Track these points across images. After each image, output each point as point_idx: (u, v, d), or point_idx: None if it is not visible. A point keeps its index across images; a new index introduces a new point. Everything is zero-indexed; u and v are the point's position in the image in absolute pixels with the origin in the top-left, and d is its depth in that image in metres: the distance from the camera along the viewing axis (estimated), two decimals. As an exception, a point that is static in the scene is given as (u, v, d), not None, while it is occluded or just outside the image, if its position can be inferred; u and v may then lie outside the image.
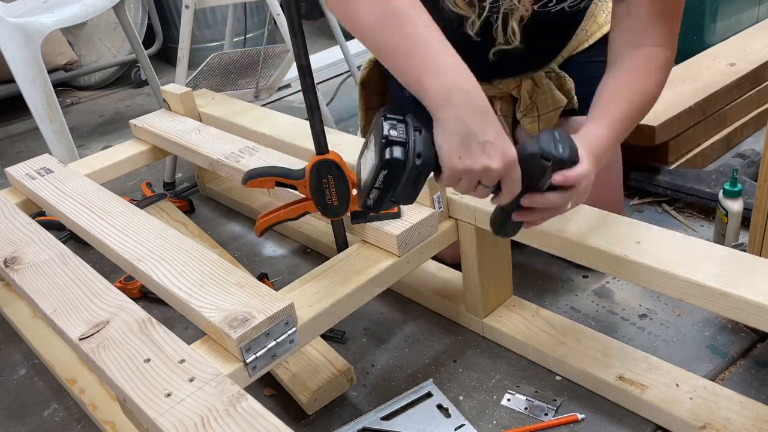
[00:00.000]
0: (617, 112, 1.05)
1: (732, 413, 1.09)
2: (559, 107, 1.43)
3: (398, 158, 0.85)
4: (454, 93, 0.85)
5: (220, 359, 0.97)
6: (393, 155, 0.85)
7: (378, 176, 0.87)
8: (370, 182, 0.88)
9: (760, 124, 1.98)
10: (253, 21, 3.22)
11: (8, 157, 2.67)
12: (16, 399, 1.40)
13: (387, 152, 0.85)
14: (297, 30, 1.03)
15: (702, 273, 0.98)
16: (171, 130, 1.74)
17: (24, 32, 1.88)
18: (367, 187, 0.90)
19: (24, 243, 1.30)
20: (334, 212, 1.16)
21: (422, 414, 1.21)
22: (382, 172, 0.87)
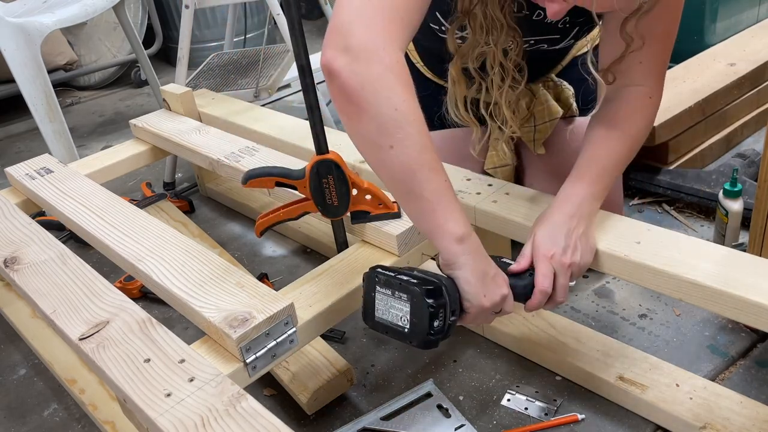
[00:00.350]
0: (599, 168, 1.11)
1: (732, 413, 1.09)
2: (554, 118, 1.45)
3: (439, 333, 0.95)
4: (468, 238, 0.96)
5: (220, 359, 0.97)
6: (435, 332, 0.94)
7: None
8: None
9: (760, 124, 1.98)
10: (253, 21, 3.22)
11: (8, 157, 2.67)
12: (16, 399, 1.40)
13: (431, 331, 0.94)
14: (297, 29, 1.03)
15: (702, 273, 0.98)
16: (171, 130, 1.74)
17: (24, 32, 1.88)
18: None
19: (24, 243, 1.29)
20: (334, 212, 1.16)
21: (422, 414, 1.20)
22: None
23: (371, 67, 0.88)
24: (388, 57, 0.88)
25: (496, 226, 1.21)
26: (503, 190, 1.26)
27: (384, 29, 0.89)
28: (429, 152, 0.92)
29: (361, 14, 0.89)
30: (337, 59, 0.88)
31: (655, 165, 1.75)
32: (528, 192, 1.25)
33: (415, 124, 0.90)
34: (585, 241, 1.06)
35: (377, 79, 0.88)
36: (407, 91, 0.90)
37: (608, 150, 1.11)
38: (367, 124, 0.90)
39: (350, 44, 0.88)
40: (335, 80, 0.89)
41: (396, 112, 0.88)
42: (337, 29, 0.89)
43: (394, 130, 0.89)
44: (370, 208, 1.19)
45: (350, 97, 0.89)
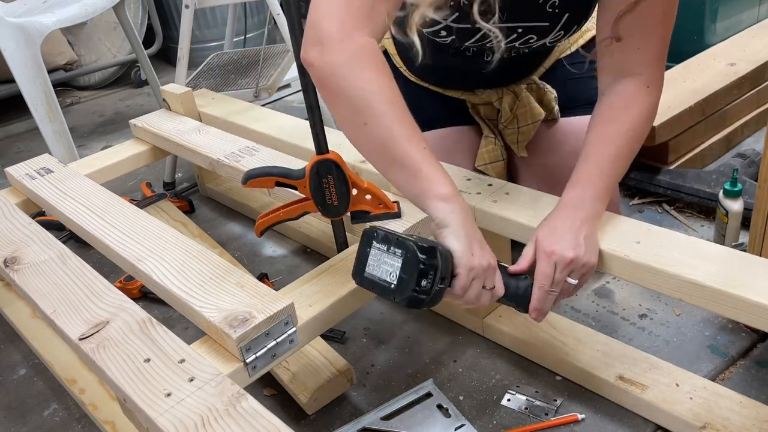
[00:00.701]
0: (599, 169, 1.10)
1: (732, 413, 1.09)
2: (536, 120, 1.46)
3: (424, 294, 0.94)
4: (453, 200, 0.98)
5: (220, 359, 0.97)
6: (421, 290, 0.94)
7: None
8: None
9: (760, 124, 1.98)
10: (253, 21, 3.22)
11: (8, 157, 2.67)
12: (16, 399, 1.40)
13: (416, 287, 0.93)
14: (297, 29, 1.03)
15: (702, 273, 0.98)
16: (171, 130, 1.74)
17: (24, 32, 1.88)
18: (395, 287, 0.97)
19: (24, 243, 1.29)
20: (333, 212, 1.16)
21: (422, 414, 1.20)
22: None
23: (338, 54, 0.95)
24: (353, 43, 0.95)
25: (496, 226, 1.21)
26: (503, 189, 1.26)
27: (350, 19, 0.96)
28: (403, 124, 0.97)
29: (329, 9, 0.96)
30: (311, 51, 0.96)
31: (655, 165, 1.75)
32: (528, 192, 1.24)
33: (384, 100, 0.96)
34: (590, 243, 1.05)
35: (344, 63, 0.95)
36: (375, 69, 0.97)
37: (607, 148, 1.10)
38: (341, 106, 0.98)
39: (320, 36, 0.96)
40: (311, 71, 0.98)
41: (363, 91, 0.95)
42: (309, 25, 0.98)
43: (364, 108, 0.96)
44: (370, 208, 1.19)
45: (324, 84, 0.97)
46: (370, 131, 0.97)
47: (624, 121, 1.11)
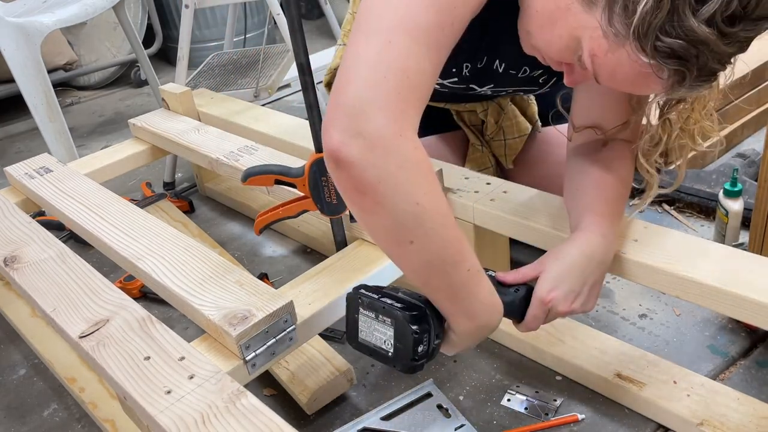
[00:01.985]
0: (606, 214, 1.05)
1: (729, 410, 1.09)
2: (524, 135, 1.47)
3: (423, 357, 0.92)
4: (477, 331, 0.93)
5: (219, 357, 0.97)
6: (420, 356, 0.91)
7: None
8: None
9: (760, 124, 1.98)
10: (253, 21, 3.22)
11: (8, 157, 2.66)
12: (16, 399, 1.39)
13: (415, 356, 0.91)
14: (296, 28, 1.03)
15: (699, 270, 0.98)
16: (170, 129, 1.74)
17: (24, 32, 1.88)
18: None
19: (23, 242, 1.29)
20: (332, 210, 1.16)
21: (422, 414, 1.20)
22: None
23: (389, 158, 0.77)
24: (406, 145, 0.78)
25: (494, 225, 1.21)
26: (501, 188, 1.26)
27: (402, 112, 0.78)
28: (452, 245, 0.85)
29: (376, 93, 0.77)
30: (348, 147, 0.76)
31: (655, 165, 1.75)
32: (526, 190, 1.24)
33: (436, 217, 0.82)
34: (592, 291, 1.03)
35: (396, 171, 0.77)
36: (428, 182, 0.81)
37: (615, 192, 1.07)
38: (384, 218, 0.81)
39: (364, 129, 0.76)
40: (346, 170, 0.78)
41: (417, 206, 0.80)
42: (345, 108, 0.77)
43: (414, 227, 0.81)
44: (369, 207, 1.19)
45: (365, 190, 0.78)
46: (415, 251, 0.83)
47: (624, 174, 1.10)
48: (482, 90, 1.27)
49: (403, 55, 0.78)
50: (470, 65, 1.20)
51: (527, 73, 1.22)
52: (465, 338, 0.93)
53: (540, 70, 1.21)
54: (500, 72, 1.21)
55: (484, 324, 0.92)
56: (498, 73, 1.22)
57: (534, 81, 1.25)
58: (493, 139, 1.49)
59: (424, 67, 0.80)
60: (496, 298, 0.93)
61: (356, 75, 0.78)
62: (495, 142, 1.49)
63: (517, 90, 1.30)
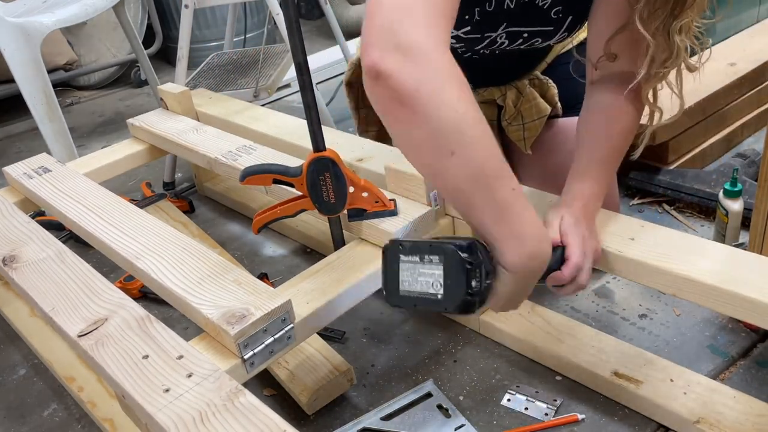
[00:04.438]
0: (600, 165, 1.11)
1: (725, 408, 1.09)
2: (543, 116, 1.46)
3: (475, 295, 0.88)
4: (529, 262, 0.89)
5: (218, 355, 0.97)
6: (472, 293, 0.87)
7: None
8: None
9: (760, 124, 1.97)
10: (253, 21, 3.23)
11: (8, 157, 2.67)
12: (16, 399, 1.39)
13: (468, 291, 0.87)
14: (294, 27, 1.03)
15: (696, 268, 0.98)
16: (168, 129, 1.74)
17: (24, 32, 1.88)
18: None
19: (22, 241, 1.29)
20: (330, 209, 1.16)
21: (422, 414, 1.20)
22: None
23: (426, 66, 0.80)
24: (440, 56, 0.81)
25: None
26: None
27: (434, 26, 0.82)
28: (494, 157, 0.84)
29: (408, 10, 0.81)
30: (387, 59, 0.79)
31: (655, 165, 1.75)
32: (527, 190, 1.25)
33: (477, 126, 0.82)
34: (594, 237, 1.07)
35: (433, 78, 0.80)
36: (465, 91, 0.82)
37: (608, 147, 1.11)
38: (422, 129, 0.81)
39: (400, 42, 0.79)
40: (385, 81, 0.80)
41: (456, 113, 0.80)
42: (381, 27, 0.81)
43: (454, 135, 0.81)
44: (366, 206, 1.19)
45: (404, 99, 0.80)
46: (457, 163, 0.82)
47: (622, 121, 1.12)
48: (498, 34, 1.26)
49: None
50: (480, 8, 1.20)
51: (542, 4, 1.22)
52: (516, 273, 0.89)
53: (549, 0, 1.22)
54: (512, 7, 1.21)
55: (534, 251, 0.88)
56: (510, 9, 1.21)
57: (546, 15, 1.23)
58: (510, 124, 1.48)
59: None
60: (544, 228, 0.91)
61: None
62: (512, 127, 1.48)
63: (532, 32, 1.27)
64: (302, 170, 1.12)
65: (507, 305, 0.94)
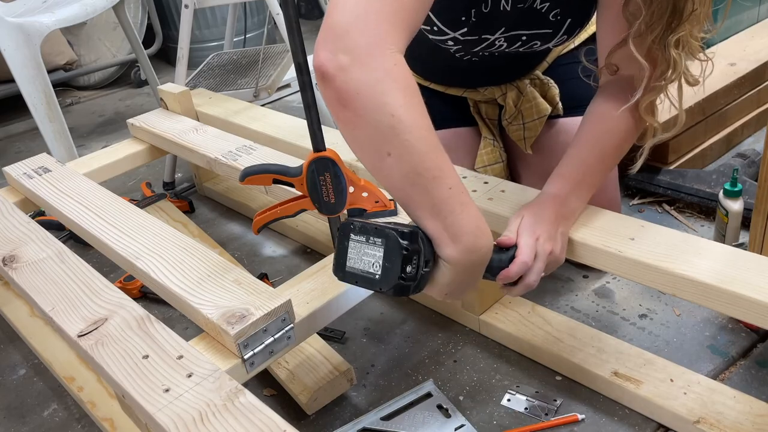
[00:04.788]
0: (584, 171, 1.13)
1: (725, 407, 1.09)
2: (543, 116, 1.47)
3: (410, 280, 0.91)
4: (466, 255, 0.91)
5: (218, 355, 0.97)
6: (406, 277, 0.90)
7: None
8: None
9: (760, 124, 1.97)
10: (253, 21, 3.23)
11: (8, 157, 2.66)
12: (16, 399, 1.39)
13: (401, 275, 0.90)
14: (294, 27, 1.02)
15: (695, 268, 0.98)
16: (168, 129, 1.74)
17: (23, 32, 1.88)
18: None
19: (22, 241, 1.29)
20: (330, 209, 1.16)
21: (422, 414, 1.20)
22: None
23: (368, 72, 0.82)
24: (386, 60, 0.83)
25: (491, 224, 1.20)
26: (499, 187, 1.26)
27: (383, 30, 0.84)
28: (431, 159, 0.86)
29: (359, 14, 0.83)
30: (332, 62, 0.82)
31: (655, 165, 1.75)
32: (524, 189, 1.25)
33: (413, 130, 0.84)
34: (563, 240, 1.08)
35: (374, 83, 0.82)
36: (407, 95, 0.84)
37: (596, 149, 1.12)
38: (363, 130, 0.86)
39: (346, 46, 0.82)
40: (329, 84, 0.84)
41: (392, 118, 0.83)
42: (331, 29, 0.84)
43: (390, 138, 0.84)
44: (366, 206, 1.19)
45: (345, 102, 0.84)
46: (394, 163, 0.86)
47: (617, 123, 1.12)
48: (495, 37, 1.27)
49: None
50: (476, 9, 1.20)
51: (531, 3, 1.22)
52: (455, 266, 0.91)
53: (547, 3, 1.22)
54: (508, 10, 1.21)
55: (470, 246, 0.90)
56: (507, 12, 1.22)
57: (544, 18, 1.24)
58: (511, 123, 1.48)
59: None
60: (484, 223, 0.92)
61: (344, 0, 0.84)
62: (513, 126, 1.48)
63: (531, 35, 1.28)
64: (302, 170, 1.12)
65: (450, 295, 0.96)
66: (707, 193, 1.63)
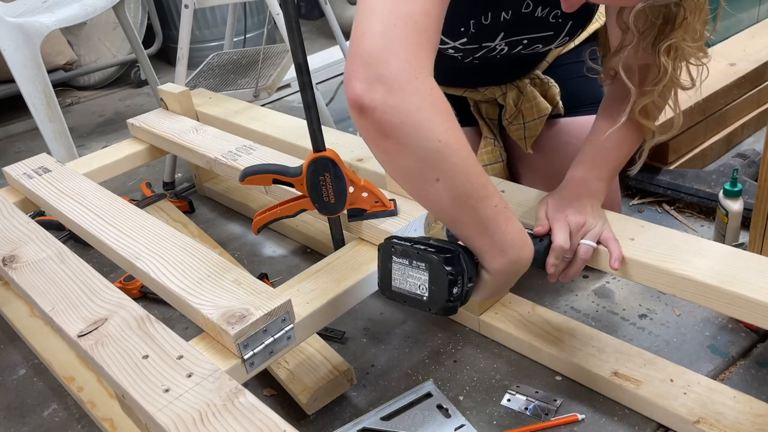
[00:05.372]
0: (604, 152, 1.16)
1: (725, 408, 1.09)
2: (543, 115, 1.47)
3: (457, 300, 0.95)
4: (510, 267, 0.95)
5: (218, 355, 0.97)
6: (454, 299, 0.94)
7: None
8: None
9: (760, 124, 1.97)
10: (253, 21, 3.22)
11: (8, 157, 2.66)
12: (16, 399, 1.39)
13: (450, 298, 0.94)
14: (294, 27, 1.03)
15: (694, 268, 0.99)
16: (168, 129, 1.74)
17: (23, 32, 1.88)
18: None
19: (22, 241, 1.29)
20: (330, 209, 1.16)
21: (422, 414, 1.20)
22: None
23: (408, 99, 0.81)
24: (423, 85, 0.83)
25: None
26: (499, 187, 1.26)
27: (415, 55, 0.82)
28: (476, 179, 0.88)
29: (389, 40, 0.82)
30: (369, 92, 0.80)
31: (655, 165, 1.75)
32: (524, 189, 1.25)
33: (459, 153, 0.85)
34: (597, 211, 1.10)
35: (416, 111, 0.81)
36: (447, 119, 0.85)
37: (613, 135, 1.12)
38: (408, 159, 0.84)
39: (382, 75, 0.80)
40: (369, 116, 0.81)
41: (439, 143, 0.83)
42: (362, 58, 0.82)
43: (438, 163, 0.84)
44: (366, 206, 1.19)
45: (388, 132, 0.82)
46: (442, 188, 0.86)
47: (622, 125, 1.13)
48: (496, 43, 1.27)
49: (407, 1, 0.83)
50: (475, 21, 1.21)
51: (530, 9, 1.22)
52: (498, 276, 0.96)
53: (547, 8, 1.23)
54: (508, 18, 1.23)
55: (515, 258, 0.95)
56: (507, 20, 1.23)
57: (545, 22, 1.25)
58: (511, 123, 1.48)
59: (428, 9, 0.85)
60: (525, 235, 0.96)
61: (370, 27, 0.82)
62: (513, 126, 1.49)
63: (533, 39, 1.29)
64: (302, 170, 1.12)
65: (491, 298, 1.03)
66: (707, 193, 1.63)
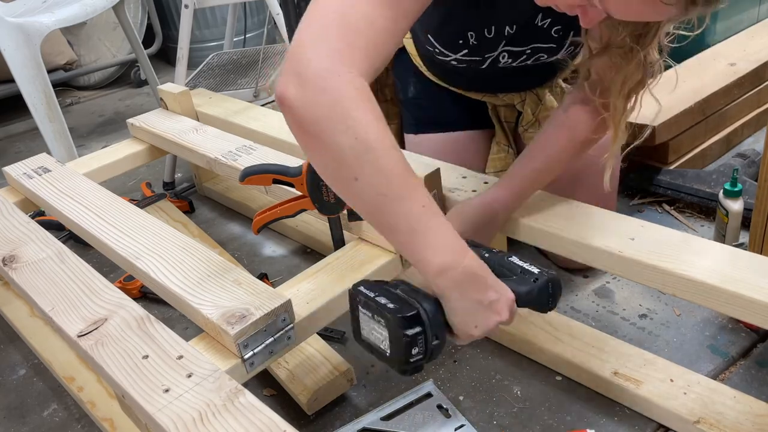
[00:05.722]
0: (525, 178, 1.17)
1: (725, 408, 1.09)
2: None
3: (420, 360, 0.88)
4: (452, 269, 0.86)
5: (218, 355, 0.97)
6: (415, 359, 0.88)
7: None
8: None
9: (760, 124, 1.97)
10: (253, 21, 3.22)
11: (8, 157, 2.66)
12: (16, 399, 1.39)
13: (409, 359, 0.88)
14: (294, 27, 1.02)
15: (694, 268, 0.99)
16: (168, 129, 1.74)
17: (23, 32, 1.88)
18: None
19: (22, 241, 1.29)
20: (330, 209, 1.16)
21: (422, 414, 1.20)
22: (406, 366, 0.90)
23: (325, 95, 0.80)
24: (344, 83, 0.80)
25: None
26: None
27: (341, 54, 0.81)
28: (398, 178, 0.83)
29: (317, 38, 0.81)
30: (289, 88, 0.80)
31: (655, 165, 1.75)
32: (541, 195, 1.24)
33: (378, 151, 0.81)
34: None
35: (332, 107, 0.80)
36: (368, 116, 0.81)
37: (552, 150, 1.14)
38: (326, 156, 0.83)
39: (303, 71, 0.80)
40: (288, 111, 0.82)
41: (356, 141, 0.80)
42: (289, 54, 0.82)
43: (355, 162, 0.81)
44: (367, 206, 1.19)
45: (306, 128, 0.82)
46: (361, 187, 0.83)
47: (577, 133, 1.14)
48: (499, 53, 1.27)
49: (347, 3, 0.83)
50: (474, 34, 1.21)
51: (532, 18, 1.22)
52: (451, 291, 0.87)
53: (548, 19, 1.22)
54: (512, 32, 1.22)
55: (453, 263, 0.86)
56: (510, 35, 1.23)
57: (546, 33, 1.24)
58: (527, 130, 1.48)
59: (368, 12, 0.83)
60: (461, 241, 0.88)
61: (306, 24, 0.83)
62: (529, 133, 1.48)
63: (535, 48, 1.28)
64: (302, 170, 1.12)
65: (480, 330, 0.90)
66: (707, 193, 1.63)
